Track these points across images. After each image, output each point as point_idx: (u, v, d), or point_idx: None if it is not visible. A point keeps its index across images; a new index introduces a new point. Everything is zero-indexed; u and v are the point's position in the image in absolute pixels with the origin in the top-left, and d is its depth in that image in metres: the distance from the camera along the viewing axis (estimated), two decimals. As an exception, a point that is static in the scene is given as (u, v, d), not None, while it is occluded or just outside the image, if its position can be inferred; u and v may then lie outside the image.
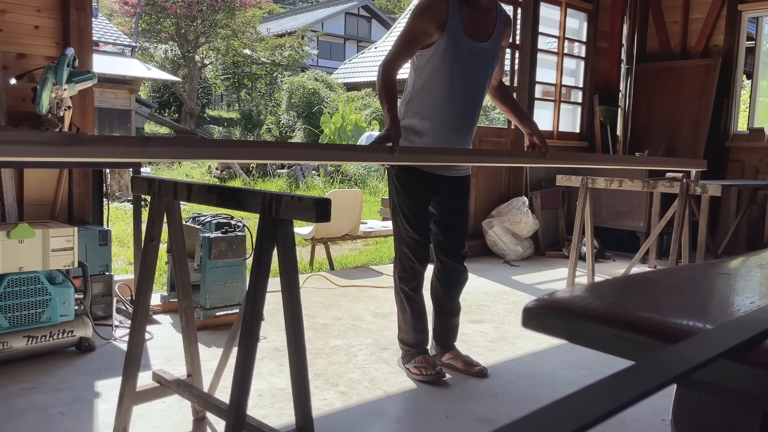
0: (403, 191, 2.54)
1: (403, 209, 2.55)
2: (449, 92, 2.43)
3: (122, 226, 6.47)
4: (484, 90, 2.56)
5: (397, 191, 2.55)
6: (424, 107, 2.47)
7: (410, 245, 2.56)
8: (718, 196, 4.01)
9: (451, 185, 2.59)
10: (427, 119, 2.46)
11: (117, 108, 12.33)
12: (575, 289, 0.75)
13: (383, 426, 2.19)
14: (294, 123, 16.82)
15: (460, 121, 2.49)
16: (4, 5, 3.14)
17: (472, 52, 2.43)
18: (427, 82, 2.45)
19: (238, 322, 2.01)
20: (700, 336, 0.57)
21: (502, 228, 5.40)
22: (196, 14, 17.99)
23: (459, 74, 2.42)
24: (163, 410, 2.21)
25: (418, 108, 2.48)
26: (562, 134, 6.28)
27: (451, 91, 2.43)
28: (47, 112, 3.03)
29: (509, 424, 0.39)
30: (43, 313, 2.67)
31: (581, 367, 2.82)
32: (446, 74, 2.41)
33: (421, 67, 2.45)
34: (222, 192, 1.63)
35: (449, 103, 2.45)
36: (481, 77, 2.50)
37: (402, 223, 2.56)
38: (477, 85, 2.49)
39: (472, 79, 2.46)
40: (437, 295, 2.71)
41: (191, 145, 1.65)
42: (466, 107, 2.49)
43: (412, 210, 2.54)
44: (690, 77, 5.93)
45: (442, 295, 2.70)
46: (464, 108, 2.48)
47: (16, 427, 2.06)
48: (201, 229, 3.16)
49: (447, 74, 2.41)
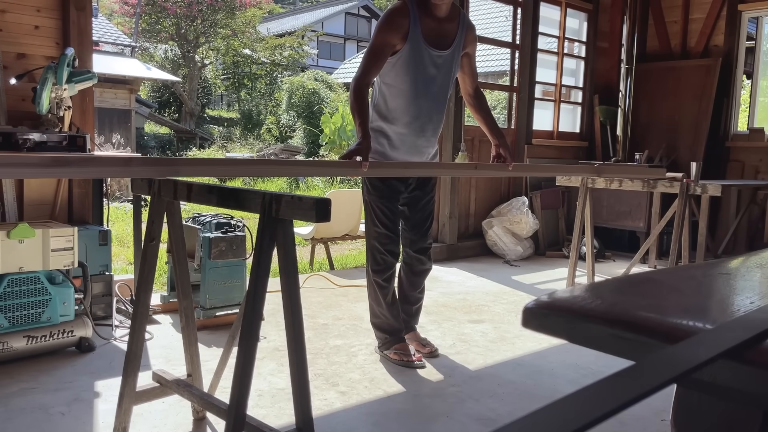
0: (374, 191, 2.72)
1: (374, 207, 2.74)
2: (412, 98, 2.61)
3: (122, 226, 6.47)
4: (446, 94, 2.71)
5: (369, 191, 2.74)
6: (390, 111, 2.65)
7: (381, 240, 2.74)
8: (718, 196, 4.02)
9: (417, 183, 2.79)
10: (393, 123, 2.65)
11: (117, 108, 12.34)
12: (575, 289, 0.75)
13: (383, 426, 2.19)
14: (294, 123, 16.82)
15: (425, 124, 2.67)
16: (4, 5, 3.14)
17: (432, 60, 2.60)
18: (392, 88, 2.63)
19: (238, 322, 2.01)
20: (700, 336, 0.57)
21: (502, 228, 5.40)
22: (196, 14, 17.99)
23: (421, 81, 2.60)
24: (163, 410, 2.21)
25: (385, 112, 2.66)
26: (562, 134, 6.28)
27: (414, 97, 2.61)
28: (47, 112, 3.03)
29: (509, 424, 0.39)
30: (43, 313, 2.67)
31: (581, 367, 2.83)
32: (409, 81, 2.59)
33: (386, 72, 2.62)
34: (222, 192, 1.63)
35: (413, 108, 2.62)
36: (442, 83, 2.66)
37: (374, 220, 2.76)
38: (439, 90, 2.66)
39: (434, 85, 2.63)
40: (401, 283, 2.94)
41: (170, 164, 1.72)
42: (429, 111, 2.66)
43: (382, 208, 2.72)
44: (690, 77, 5.93)
45: (405, 283, 2.93)
46: (428, 112, 2.65)
47: (16, 427, 2.06)
48: (201, 229, 3.16)
49: (410, 81, 2.59)
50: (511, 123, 5.85)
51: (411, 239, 2.86)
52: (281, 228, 1.51)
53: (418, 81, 2.59)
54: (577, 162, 6.21)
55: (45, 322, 2.67)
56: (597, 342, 0.64)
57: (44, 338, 2.65)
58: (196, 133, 17.34)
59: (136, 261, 3.23)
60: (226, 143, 16.18)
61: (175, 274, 2.00)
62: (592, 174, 3.82)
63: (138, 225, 3.25)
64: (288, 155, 12.64)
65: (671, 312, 0.67)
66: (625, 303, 0.69)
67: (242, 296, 3.16)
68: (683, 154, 5.82)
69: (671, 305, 0.73)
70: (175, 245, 1.97)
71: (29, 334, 2.61)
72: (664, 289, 0.81)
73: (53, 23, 3.29)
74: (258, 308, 1.55)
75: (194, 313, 2.10)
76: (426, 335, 3.07)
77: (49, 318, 2.68)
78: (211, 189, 1.67)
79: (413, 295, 2.95)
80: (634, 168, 4.46)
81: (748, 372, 0.53)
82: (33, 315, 2.65)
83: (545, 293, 0.81)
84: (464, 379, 2.64)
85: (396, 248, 2.78)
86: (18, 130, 2.94)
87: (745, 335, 0.55)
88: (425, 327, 3.29)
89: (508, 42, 5.81)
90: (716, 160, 5.80)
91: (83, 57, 3.32)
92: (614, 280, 0.82)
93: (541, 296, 0.71)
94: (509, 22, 5.93)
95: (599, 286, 0.77)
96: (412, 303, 2.97)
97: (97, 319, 3.08)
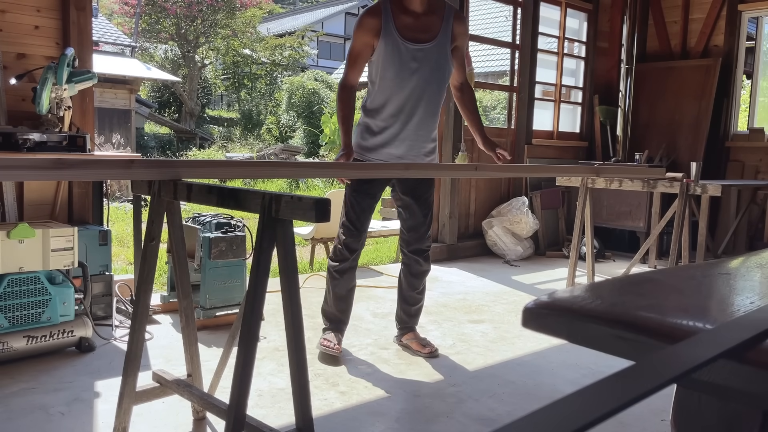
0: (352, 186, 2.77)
1: (347, 198, 2.79)
2: (395, 92, 2.64)
3: (122, 226, 6.47)
4: (434, 87, 2.68)
5: (348, 185, 2.79)
6: (376, 107, 2.70)
7: (345, 232, 2.79)
8: (718, 196, 4.02)
9: (411, 186, 2.80)
10: (379, 118, 2.69)
11: (117, 108, 12.34)
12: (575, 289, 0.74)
13: (383, 426, 2.19)
14: (294, 123, 16.82)
15: (409, 118, 2.68)
16: (4, 5, 3.14)
17: (411, 54, 2.62)
18: (374, 85, 2.69)
19: (238, 322, 2.01)
20: (700, 336, 0.57)
21: (502, 228, 5.40)
22: (196, 14, 17.99)
23: (401, 75, 2.62)
24: (163, 410, 2.21)
25: (371, 108, 2.71)
26: (561, 134, 6.28)
27: (396, 91, 2.64)
28: (47, 112, 3.03)
29: (509, 424, 0.39)
30: (43, 313, 2.67)
31: (581, 367, 2.83)
32: (389, 76, 2.63)
33: (370, 70, 2.72)
34: (222, 192, 1.63)
35: (395, 102, 2.65)
36: (427, 75, 2.65)
37: (343, 210, 2.81)
38: (425, 83, 2.65)
39: (417, 78, 2.64)
40: (400, 283, 2.96)
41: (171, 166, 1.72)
42: (414, 105, 2.66)
43: (352, 201, 2.77)
44: (690, 77, 5.93)
45: (404, 284, 2.95)
46: (412, 106, 2.66)
47: (16, 427, 2.06)
48: (201, 229, 3.16)
49: (390, 76, 2.63)
50: (511, 123, 5.85)
51: (407, 240, 2.86)
52: (281, 228, 1.51)
53: (398, 75, 2.61)
54: (577, 162, 6.21)
55: (45, 322, 2.67)
56: (597, 342, 0.64)
57: (44, 338, 2.65)
58: (196, 133, 17.34)
59: (136, 261, 3.23)
60: (226, 143, 16.19)
61: (175, 274, 2.00)
62: (591, 174, 3.82)
63: (138, 225, 3.24)
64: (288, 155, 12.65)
65: (671, 312, 0.67)
66: (625, 303, 0.69)
67: (242, 296, 3.16)
68: (683, 154, 5.82)
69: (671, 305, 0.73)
70: (175, 245, 1.97)
71: (29, 334, 2.61)
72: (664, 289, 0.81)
73: (53, 23, 3.29)
74: (258, 308, 1.55)
75: (194, 313, 2.10)
76: (426, 335, 3.07)
77: (49, 318, 2.68)
78: (211, 189, 1.67)
79: (412, 296, 2.95)
80: (634, 168, 4.46)
81: (748, 372, 0.53)
82: (33, 315, 2.65)
83: (545, 293, 0.81)
84: (464, 379, 2.64)
85: (355, 245, 2.78)
86: (18, 130, 2.94)
87: (745, 335, 0.55)
88: (425, 327, 3.29)
89: (508, 42, 5.81)
90: (716, 160, 5.80)
91: (83, 57, 3.32)
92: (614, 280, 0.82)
93: (541, 296, 0.71)
94: (509, 22, 5.93)
95: (599, 286, 0.77)
96: (411, 304, 2.97)
97: (97, 319, 3.08)
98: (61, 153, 3.01)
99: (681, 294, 0.79)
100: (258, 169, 3.15)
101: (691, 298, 0.77)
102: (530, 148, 5.81)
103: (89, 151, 3.18)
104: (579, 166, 5.00)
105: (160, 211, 1.87)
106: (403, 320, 3.00)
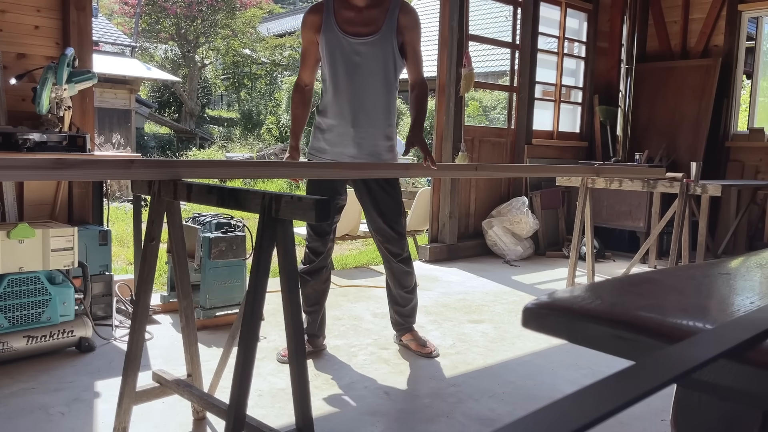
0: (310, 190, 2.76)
1: None
2: (338, 88, 2.62)
3: (122, 226, 6.46)
4: (381, 81, 2.62)
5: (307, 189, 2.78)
6: (324, 105, 2.70)
7: (308, 237, 2.81)
8: (718, 196, 4.02)
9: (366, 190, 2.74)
10: (326, 116, 2.68)
11: (117, 108, 12.34)
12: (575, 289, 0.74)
13: (383, 426, 2.19)
14: (294, 123, 16.78)
15: (356, 113, 2.63)
16: (4, 5, 3.14)
17: (353, 48, 2.59)
18: (324, 83, 2.69)
19: (238, 322, 2.01)
20: (700, 336, 0.57)
21: (502, 228, 5.40)
22: (196, 14, 17.98)
23: (344, 70, 2.60)
24: (163, 410, 2.21)
25: (321, 106, 2.71)
26: (561, 134, 6.28)
27: (340, 87, 2.62)
28: (47, 112, 3.03)
29: (509, 424, 0.39)
30: (43, 313, 2.67)
31: (581, 367, 2.82)
32: (332, 72, 2.62)
33: (322, 70, 2.72)
34: (222, 192, 1.63)
35: (340, 97, 2.63)
36: (373, 69, 2.60)
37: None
38: (370, 77, 2.60)
39: (361, 72, 2.60)
40: (387, 284, 2.96)
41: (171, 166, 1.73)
42: (360, 100, 2.62)
43: None
44: (690, 77, 5.93)
45: (390, 284, 2.94)
46: (358, 101, 2.62)
47: (16, 427, 2.06)
48: (201, 229, 3.16)
49: (333, 72, 2.62)
50: (511, 123, 5.85)
51: (379, 239, 2.82)
52: (281, 228, 1.51)
53: (341, 70, 2.60)
54: (577, 162, 6.21)
55: (45, 322, 2.67)
56: (597, 342, 0.64)
57: (44, 338, 2.65)
58: (196, 133, 17.34)
59: (136, 261, 3.23)
60: (226, 143, 16.18)
61: (175, 274, 2.00)
62: (591, 174, 3.82)
63: (138, 225, 3.24)
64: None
65: (671, 312, 0.67)
66: (625, 303, 0.69)
67: (242, 296, 3.16)
68: (683, 154, 5.82)
69: (671, 305, 0.73)
70: (175, 245, 1.97)
71: (29, 334, 2.61)
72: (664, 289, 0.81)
73: (53, 23, 3.29)
74: (258, 308, 1.55)
75: (194, 313, 2.10)
76: (426, 335, 3.07)
77: (49, 318, 2.68)
78: (211, 189, 1.67)
79: (400, 294, 2.90)
80: (634, 168, 4.47)
81: (749, 372, 0.53)
82: (33, 315, 2.65)
83: (545, 293, 0.81)
84: (464, 379, 2.64)
85: (320, 248, 2.77)
86: (18, 130, 2.94)
87: (745, 335, 0.55)
88: (425, 327, 3.29)
89: (508, 42, 5.81)
90: (716, 160, 5.80)
91: (83, 57, 3.32)
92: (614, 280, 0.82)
93: (541, 296, 0.71)
94: (509, 22, 5.93)
95: (599, 286, 0.77)
96: (403, 304, 2.92)
97: (97, 319, 3.08)
98: (61, 153, 3.01)
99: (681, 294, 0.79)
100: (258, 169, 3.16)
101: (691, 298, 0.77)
102: (530, 148, 5.81)
103: (89, 151, 3.18)
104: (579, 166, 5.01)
105: (160, 211, 1.87)
106: (398, 322, 2.98)
